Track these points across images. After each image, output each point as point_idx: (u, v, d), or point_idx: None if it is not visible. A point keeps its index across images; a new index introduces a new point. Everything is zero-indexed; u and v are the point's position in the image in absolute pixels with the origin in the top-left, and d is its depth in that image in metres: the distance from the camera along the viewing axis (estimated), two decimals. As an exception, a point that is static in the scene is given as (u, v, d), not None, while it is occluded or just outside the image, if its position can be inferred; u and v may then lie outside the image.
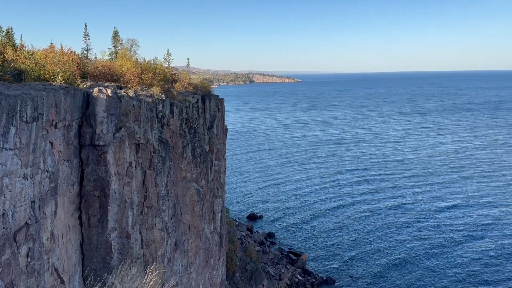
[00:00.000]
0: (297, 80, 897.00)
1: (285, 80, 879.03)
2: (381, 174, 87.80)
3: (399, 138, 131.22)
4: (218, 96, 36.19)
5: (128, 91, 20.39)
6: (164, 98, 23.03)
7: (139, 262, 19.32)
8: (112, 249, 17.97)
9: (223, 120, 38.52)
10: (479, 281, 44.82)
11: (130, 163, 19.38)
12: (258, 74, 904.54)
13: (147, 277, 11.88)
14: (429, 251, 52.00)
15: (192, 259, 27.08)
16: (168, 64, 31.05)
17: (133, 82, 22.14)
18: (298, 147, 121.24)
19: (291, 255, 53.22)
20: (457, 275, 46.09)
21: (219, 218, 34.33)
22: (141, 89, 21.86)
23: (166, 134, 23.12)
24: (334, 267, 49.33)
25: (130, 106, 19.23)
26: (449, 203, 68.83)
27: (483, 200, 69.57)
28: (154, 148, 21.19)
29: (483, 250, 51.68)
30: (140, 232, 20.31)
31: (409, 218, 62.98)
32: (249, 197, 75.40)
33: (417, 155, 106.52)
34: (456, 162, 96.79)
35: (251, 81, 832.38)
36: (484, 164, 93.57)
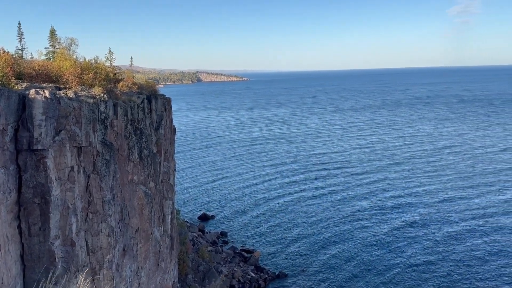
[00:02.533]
0: (245, 79, 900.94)
1: (233, 78, 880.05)
2: (326, 168, 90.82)
3: (342, 133, 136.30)
4: (164, 95, 35.52)
5: (67, 92, 19.46)
6: (106, 99, 22.22)
7: (85, 270, 18.55)
8: (56, 258, 17.11)
9: (171, 120, 37.89)
10: (418, 263, 47.72)
11: (72, 167, 18.53)
12: (206, 73, 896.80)
13: (94, 286, 11.49)
14: (375, 239, 54.57)
15: (142, 263, 26.45)
16: (111, 63, 29.98)
17: (72, 82, 21.14)
18: (247, 145, 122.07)
19: (243, 252, 53.54)
20: (399, 260, 48.79)
21: (169, 220, 33.76)
22: (81, 90, 20.93)
23: (110, 136, 22.34)
24: (286, 262, 50.32)
25: (70, 108, 18.38)
26: (389, 192, 72.68)
27: (420, 189, 74.18)
28: (97, 151, 20.40)
29: (424, 235, 55.12)
30: (85, 239, 19.49)
31: (353, 209, 65.70)
32: (200, 197, 74.80)
33: (360, 148, 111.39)
34: (395, 153, 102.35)
35: (199, 80, 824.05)
36: (420, 154, 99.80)
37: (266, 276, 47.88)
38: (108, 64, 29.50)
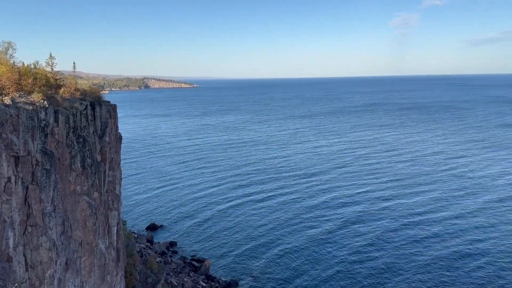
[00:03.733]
0: (195, 86, 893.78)
1: (183, 85, 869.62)
2: (274, 173, 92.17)
3: (290, 139, 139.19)
4: (109, 102, 34.35)
5: (3, 98, 18.31)
6: (47, 105, 21.14)
7: (24, 286, 17.43)
8: (-11, 276, 15.92)
9: (116, 127, 36.69)
10: (361, 259, 49.66)
11: (9, 178, 17.40)
12: (154, 79, 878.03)
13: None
14: (321, 238, 56.00)
15: (86, 277, 25.25)
16: (52, 69, 28.53)
17: (9, 88, 19.90)
18: (196, 152, 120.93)
19: (194, 262, 52.71)
20: (344, 256, 50.46)
21: (115, 231, 32.54)
22: (19, 96, 19.77)
23: (50, 145, 21.25)
24: (237, 269, 50.24)
25: (6, 115, 17.30)
26: (334, 193, 75.20)
27: (363, 190, 77.42)
28: (36, 160, 19.32)
29: (367, 232, 57.43)
30: (24, 254, 18.31)
31: (300, 211, 67.15)
32: (148, 207, 72.78)
33: (307, 153, 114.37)
34: (340, 157, 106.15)
35: (147, 86, 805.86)
36: (363, 158, 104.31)
37: (217, 285, 47.43)
38: (49, 69, 28.07)
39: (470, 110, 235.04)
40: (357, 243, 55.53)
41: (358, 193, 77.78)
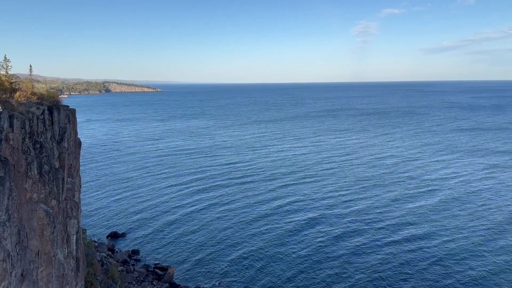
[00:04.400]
0: (158, 90, 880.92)
1: (145, 89, 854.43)
2: (239, 178, 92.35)
3: (255, 144, 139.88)
4: (68, 106, 33.29)
5: (-48, 102, 17.37)
6: (1, 110, 20.28)
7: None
8: None
9: (76, 132, 35.58)
10: (321, 258, 50.62)
11: (-42, 186, 16.49)
12: (115, 83, 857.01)
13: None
14: (285, 241, 56.57)
15: (43, 289, 24.22)
16: (6, 72, 27.34)
17: (-42, 92, 18.93)
18: (159, 157, 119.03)
19: (157, 270, 51.69)
20: (309, 257, 51.23)
21: (74, 240, 31.45)
22: (-30, 100, 18.84)
23: (5, 151, 20.35)
24: (201, 275, 49.76)
25: (-45, 120, 16.40)
26: (297, 198, 76.20)
27: (325, 193, 78.95)
28: (-11, 167, 18.43)
29: (327, 232, 58.59)
30: (-26, 267, 17.37)
31: (263, 214, 67.55)
32: (110, 214, 70.76)
33: (272, 158, 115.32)
34: (303, 161, 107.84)
35: (108, 91, 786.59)
36: (325, 162, 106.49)
37: (182, 291, 46.70)
38: (3, 72, 26.89)
39: (427, 115, 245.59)
40: (318, 243, 56.58)
41: (320, 195, 79.44)
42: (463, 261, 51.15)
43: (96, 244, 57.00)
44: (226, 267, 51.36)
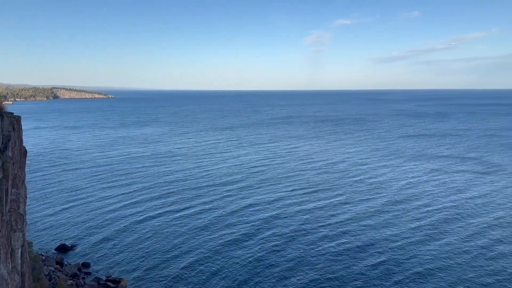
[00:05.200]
0: (110, 96, 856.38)
1: (96, 96, 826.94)
2: (194, 186, 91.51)
3: (211, 151, 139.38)
4: (13, 113, 31.71)
5: None
6: None
7: None
8: None
9: (21, 141, 33.90)
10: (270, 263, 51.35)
11: None
12: (64, 89, 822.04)
13: None
14: (238, 246, 56.73)
15: (-16, 307, 22.81)
16: None
17: None
18: (111, 165, 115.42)
19: (109, 283, 49.90)
20: (262, 260, 51.71)
21: (19, 254, 29.86)
22: None
23: None
24: (156, 285, 48.68)
25: None
26: (251, 203, 76.79)
27: (278, 198, 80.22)
28: None
29: (279, 236, 59.45)
30: None
31: (218, 222, 67.38)
32: (58, 226, 67.53)
33: (226, 165, 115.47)
34: (259, 168, 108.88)
35: (56, 97, 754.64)
36: (280, 168, 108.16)
37: (135, 303, 45.40)
38: None
39: (376, 122, 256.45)
40: (272, 246, 57.30)
41: (274, 199, 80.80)
42: (407, 260, 53.74)
43: (43, 257, 54.18)
44: (181, 274, 50.66)
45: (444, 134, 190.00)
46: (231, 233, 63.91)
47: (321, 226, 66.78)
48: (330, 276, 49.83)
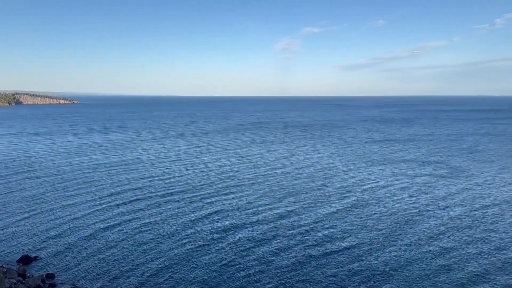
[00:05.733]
0: (75, 102, 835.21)
1: (61, 101, 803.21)
2: (162, 193, 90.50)
3: (180, 158, 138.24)
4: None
5: None
6: None
7: None
8: None
9: (-21, 148, 32.62)
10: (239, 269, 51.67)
11: None
12: (27, 94, 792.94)
13: None
14: (205, 251, 56.63)
15: None
16: None
17: None
18: (75, 172, 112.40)
19: (74, 292, 48.57)
20: (227, 267, 51.86)
21: (-23, 265, 28.71)
22: None
23: None
24: (123, 295, 47.80)
25: None
26: (218, 209, 76.71)
27: (247, 203, 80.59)
28: None
29: (245, 241, 59.83)
30: None
31: (184, 226, 67.01)
32: (20, 236, 65.09)
33: (196, 171, 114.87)
34: (229, 174, 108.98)
35: (18, 103, 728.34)
36: (250, 174, 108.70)
37: (101, 313, 44.40)
38: None
39: (344, 128, 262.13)
40: (241, 251, 57.46)
41: (243, 204, 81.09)
42: (371, 260, 55.30)
43: (5, 269, 52.05)
44: (149, 281, 49.99)
45: (408, 139, 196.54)
46: (200, 238, 63.69)
47: (290, 229, 67.63)
48: (298, 278, 50.55)
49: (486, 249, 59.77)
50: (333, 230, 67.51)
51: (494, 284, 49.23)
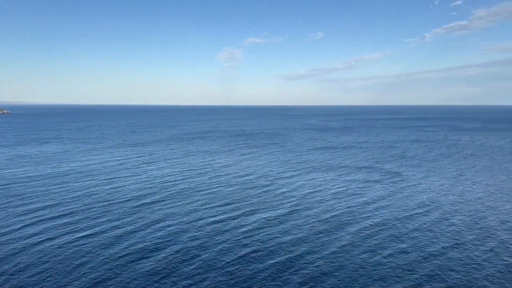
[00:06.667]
0: (5, 112, 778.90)
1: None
2: (97, 203, 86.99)
3: (120, 169, 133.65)
4: None
5: None
6: None
7: None
8: None
9: None
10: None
11: None
12: None
13: None
14: (142, 260, 55.34)
15: None
16: None
17: None
18: (3, 186, 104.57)
19: (-1, 313, 45.14)
20: (159, 274, 51.09)
21: None
22: None
23: None
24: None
25: None
26: (160, 220, 75.30)
27: (189, 214, 79.88)
28: None
29: (187, 250, 59.34)
30: None
31: (122, 237, 65.07)
32: None
33: (136, 181, 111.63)
34: (173, 184, 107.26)
35: None
36: (195, 183, 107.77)
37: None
38: None
39: (287, 136, 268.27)
40: (182, 261, 56.82)
41: (185, 213, 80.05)
42: (306, 264, 57.09)
43: None
44: (84, 299, 47.73)
45: (347, 146, 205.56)
46: (140, 249, 61.95)
47: (230, 235, 67.90)
48: (236, 280, 50.89)
49: (414, 247, 64.08)
50: (269, 234, 68.80)
51: (420, 280, 52.88)
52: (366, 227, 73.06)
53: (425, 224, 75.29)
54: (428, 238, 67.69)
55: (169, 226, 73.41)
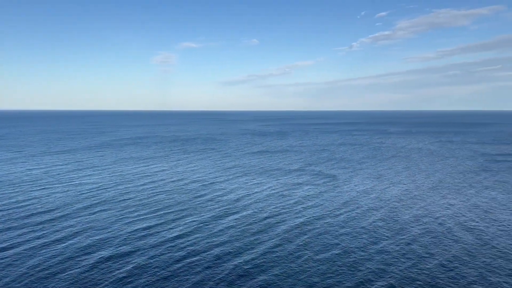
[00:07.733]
0: None
1: None
2: (13, 217, 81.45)
3: (44, 178, 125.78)
4: None
5: None
6: None
7: None
8: None
9: None
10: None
11: None
12: None
13: None
14: (67, 267, 53.02)
15: None
16: None
17: None
18: None
19: None
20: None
21: None
22: None
23: None
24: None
25: None
26: (88, 229, 72.46)
27: (121, 224, 77.62)
28: None
29: (128, 258, 57.80)
30: None
31: (54, 247, 61.81)
32: None
33: (59, 191, 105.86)
34: (101, 193, 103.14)
35: None
36: (126, 192, 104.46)
37: None
38: None
39: (225, 141, 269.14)
40: (119, 275, 55.19)
41: (116, 223, 77.41)
42: (251, 269, 58.26)
43: None
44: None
45: (282, 150, 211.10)
46: (61, 260, 58.96)
47: (164, 240, 67.05)
48: (167, 284, 50.57)
49: (337, 243, 67.87)
50: (201, 238, 69.06)
51: (340, 271, 56.20)
52: (295, 226, 75.92)
53: (347, 221, 79.98)
54: (350, 234, 72.03)
55: (93, 235, 70.56)
